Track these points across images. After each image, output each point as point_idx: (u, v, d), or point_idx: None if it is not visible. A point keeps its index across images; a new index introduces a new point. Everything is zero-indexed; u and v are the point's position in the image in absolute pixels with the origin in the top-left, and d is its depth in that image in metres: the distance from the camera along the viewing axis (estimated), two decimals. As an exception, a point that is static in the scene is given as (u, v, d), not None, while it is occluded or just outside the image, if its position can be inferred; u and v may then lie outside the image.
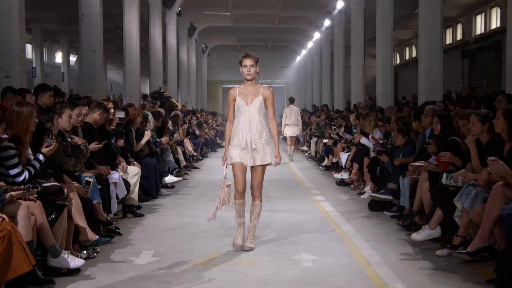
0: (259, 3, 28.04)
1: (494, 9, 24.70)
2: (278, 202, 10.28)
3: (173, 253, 6.67)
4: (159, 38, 22.56)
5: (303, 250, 6.75)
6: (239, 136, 6.80)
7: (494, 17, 24.82)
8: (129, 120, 10.07)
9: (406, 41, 36.01)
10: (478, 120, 6.55)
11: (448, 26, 28.86)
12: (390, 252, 6.68)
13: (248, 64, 6.92)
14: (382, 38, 17.77)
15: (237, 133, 6.82)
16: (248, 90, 6.92)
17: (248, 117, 6.79)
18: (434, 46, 13.79)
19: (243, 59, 6.98)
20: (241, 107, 6.82)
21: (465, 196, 6.21)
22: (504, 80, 22.52)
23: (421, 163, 7.79)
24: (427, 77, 13.80)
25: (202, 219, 8.67)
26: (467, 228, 6.23)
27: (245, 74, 6.91)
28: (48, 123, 6.34)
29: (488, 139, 6.54)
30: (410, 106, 14.47)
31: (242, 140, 6.77)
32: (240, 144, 6.80)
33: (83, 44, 14.15)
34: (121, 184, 8.09)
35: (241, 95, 6.88)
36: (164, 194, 10.97)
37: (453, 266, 6.07)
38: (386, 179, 9.43)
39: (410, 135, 9.31)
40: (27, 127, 5.76)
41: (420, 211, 7.67)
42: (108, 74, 39.50)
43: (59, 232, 5.75)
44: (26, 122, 5.75)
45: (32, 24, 29.89)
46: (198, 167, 16.41)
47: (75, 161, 6.91)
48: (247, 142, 6.76)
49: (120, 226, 7.76)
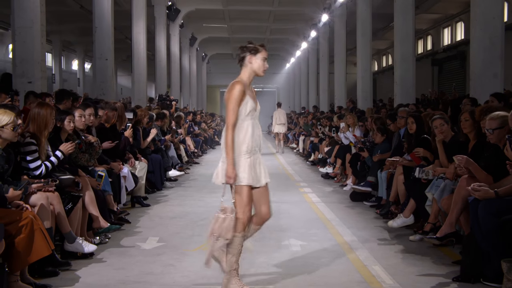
0: (253, 16, 28.04)
1: (459, 23, 24.86)
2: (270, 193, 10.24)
3: (176, 239, 6.67)
4: (163, 47, 22.52)
5: (292, 237, 6.76)
6: (255, 147, 4.65)
7: (459, 30, 24.97)
8: (137, 120, 10.04)
9: (383, 50, 36.08)
10: (445, 122, 6.63)
11: (420, 37, 28.94)
12: (369, 238, 6.70)
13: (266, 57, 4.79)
14: (362, 47, 17.80)
15: (254, 143, 4.62)
16: (251, 90, 4.74)
17: (258, 124, 4.71)
18: (408, 55, 13.83)
19: (262, 51, 4.76)
20: (253, 110, 4.61)
21: (435, 187, 6.23)
22: (468, 85, 22.69)
23: (397, 158, 7.81)
24: (402, 83, 13.83)
25: (202, 209, 8.68)
26: (436, 216, 6.25)
27: (263, 69, 4.77)
28: (58, 123, 6.32)
29: (450, 138, 6.63)
30: (386, 108, 14.50)
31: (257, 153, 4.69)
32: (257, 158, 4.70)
33: (97, 53, 14.14)
34: (130, 178, 8.07)
35: (249, 94, 4.64)
36: (168, 186, 10.96)
37: (424, 250, 6.09)
38: (366, 172, 9.45)
39: (388, 134, 9.32)
40: (46, 126, 5.75)
41: (396, 201, 7.70)
42: (118, 79, 39.39)
43: (75, 220, 5.74)
44: (45, 121, 5.73)
45: (52, 36, 29.84)
46: (198, 163, 16.39)
47: (89, 157, 6.89)
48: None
49: (129, 215, 7.75)
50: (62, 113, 6.50)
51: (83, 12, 22.87)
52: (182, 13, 25.17)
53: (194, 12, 26.10)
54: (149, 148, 10.42)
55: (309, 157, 16.41)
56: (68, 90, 9.71)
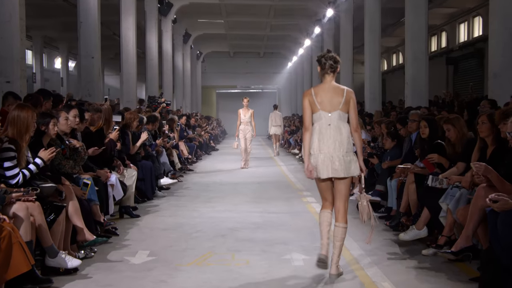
0: (251, 11, 28.06)
1: (477, 18, 24.81)
2: (270, 203, 10.26)
3: (168, 253, 6.65)
4: (155, 44, 22.51)
5: (294, 250, 6.74)
6: None
7: (477, 25, 24.93)
8: (125, 124, 10.03)
9: (393, 48, 36.10)
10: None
11: (433, 34, 28.95)
12: (378, 252, 6.68)
13: None
14: (370, 45, 17.83)
15: None
16: None
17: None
18: (420, 53, 13.84)
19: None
20: None
21: (450, 197, 6.21)
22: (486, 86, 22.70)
23: (408, 165, 7.80)
24: (413, 83, 13.84)
25: (196, 220, 8.66)
26: (451, 228, 6.24)
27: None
28: (43, 126, 6.30)
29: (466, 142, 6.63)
30: (396, 111, 14.51)
31: None
32: None
33: (82, 50, 14.12)
34: (118, 186, 8.06)
35: None
36: (159, 195, 10.94)
37: (438, 265, 6.07)
38: (375, 181, 9.43)
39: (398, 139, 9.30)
40: (27, 130, 5.73)
41: (407, 212, 7.67)
42: (106, 79, 39.40)
43: (58, 232, 5.72)
44: (26, 125, 5.71)
45: (32, 31, 29.80)
46: (192, 170, 16.37)
47: (73, 163, 6.87)
48: None
49: (116, 226, 7.73)
50: (45, 115, 6.47)
51: (66, 6, 22.85)
52: (175, 7, 25.19)
53: (188, 6, 26.12)
54: (139, 154, 10.40)
55: (312, 164, 16.38)
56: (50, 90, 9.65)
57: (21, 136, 5.69)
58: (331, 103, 5.57)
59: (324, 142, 5.52)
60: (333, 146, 5.49)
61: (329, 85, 5.64)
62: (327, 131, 5.53)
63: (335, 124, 5.53)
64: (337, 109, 5.55)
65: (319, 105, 5.57)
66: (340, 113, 5.56)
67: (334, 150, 5.49)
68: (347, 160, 5.49)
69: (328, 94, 5.59)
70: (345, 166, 5.48)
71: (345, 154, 5.49)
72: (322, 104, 5.57)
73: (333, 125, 5.53)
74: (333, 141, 5.50)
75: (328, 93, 5.59)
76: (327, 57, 5.63)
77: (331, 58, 5.63)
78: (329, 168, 5.48)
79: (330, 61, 5.61)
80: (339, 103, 5.55)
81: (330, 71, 5.62)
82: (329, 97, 5.58)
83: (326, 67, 5.61)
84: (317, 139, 5.55)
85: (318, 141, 5.54)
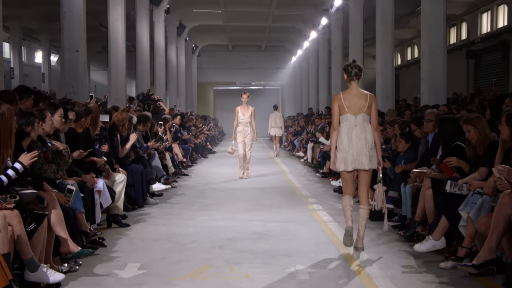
0: (252, 0, 28.08)
1: (501, 7, 24.75)
2: (272, 211, 10.26)
3: (160, 266, 6.64)
4: (146, 37, 22.55)
5: (299, 262, 6.73)
6: None
7: (501, 15, 24.88)
8: (113, 124, 10.02)
9: (407, 40, 36.14)
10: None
11: (452, 24, 28.96)
12: (391, 264, 6.67)
13: None
14: (382, 37, 17.81)
15: None
16: None
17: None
18: (437, 46, 13.82)
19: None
20: None
21: (470, 205, 6.20)
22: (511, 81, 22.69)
23: (424, 169, 7.78)
24: (430, 79, 13.82)
25: (191, 229, 8.65)
26: (473, 239, 6.23)
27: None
28: (28, 127, 6.27)
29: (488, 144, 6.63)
30: (411, 109, 14.50)
31: None
32: None
33: (65, 43, 14.13)
34: (106, 192, 8.05)
35: None
36: (151, 202, 10.93)
37: (458, 280, 6.06)
38: (387, 186, 9.42)
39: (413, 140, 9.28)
40: (10, 129, 5.68)
41: (423, 221, 7.67)
42: (92, 75, 39.46)
43: (38, 243, 5.70)
44: (10, 124, 5.67)
45: (10, 22, 29.79)
46: (187, 174, 16.37)
47: (56, 167, 6.86)
48: None
49: (104, 237, 7.72)
50: (28, 115, 6.45)
51: (48, -7, 22.90)
52: (168, -5, 25.27)
53: (183, -6, 26.21)
54: (129, 157, 10.40)
55: (319, 168, 16.39)
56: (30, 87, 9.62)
57: (5, 137, 5.60)
58: (357, 107, 7.12)
59: (352, 140, 7.08)
60: (361, 144, 7.07)
61: (355, 91, 7.20)
62: (354, 131, 7.09)
63: (361, 125, 7.11)
64: (362, 112, 7.12)
65: (347, 109, 7.11)
66: (364, 116, 7.13)
67: (362, 147, 7.07)
68: (371, 155, 7.11)
69: (354, 99, 7.14)
70: (369, 160, 7.10)
71: (369, 150, 7.11)
72: (350, 107, 7.11)
73: (359, 125, 7.10)
74: (360, 140, 7.07)
75: (354, 98, 7.14)
76: (353, 66, 7.24)
77: (356, 67, 7.23)
78: (357, 162, 7.08)
79: (356, 70, 7.19)
80: (364, 107, 7.13)
81: (356, 78, 7.19)
82: (355, 101, 7.13)
83: (352, 75, 7.18)
84: (346, 138, 7.10)
85: (347, 139, 7.10)
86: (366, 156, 7.08)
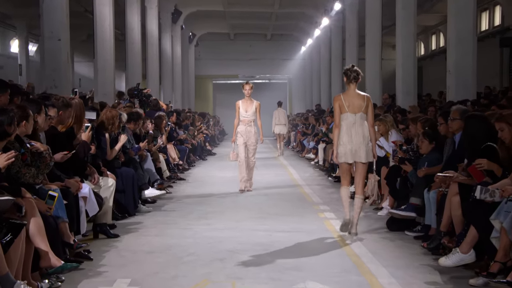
0: (256, -17, 28.13)
1: (542, -12, 24.61)
2: (279, 220, 10.26)
3: (153, 282, 6.64)
4: (137, 24, 22.60)
5: (309, 278, 6.73)
6: None
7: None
8: (101, 122, 10.02)
9: (432, 28, 36.14)
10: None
11: (484, 9, 28.88)
12: (413, 280, 6.66)
13: None
14: (403, 24, 17.79)
15: None
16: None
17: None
18: (466, 33, 13.81)
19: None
20: None
21: (504, 213, 6.18)
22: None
23: (450, 173, 7.76)
24: (457, 71, 13.81)
25: (188, 240, 8.64)
26: (507, 253, 6.21)
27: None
28: (10, 127, 6.22)
29: None
30: (436, 106, 14.46)
31: None
32: None
33: (45, 30, 14.14)
34: (92, 199, 8.05)
35: None
36: (143, 210, 10.93)
37: (489, 298, 6.05)
38: (408, 192, 9.40)
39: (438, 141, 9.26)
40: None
41: (449, 231, 7.65)
42: (76, 67, 39.52)
43: (15, 257, 5.68)
44: None
45: (-20, 6, 29.81)
46: (184, 179, 16.38)
47: (36, 171, 6.84)
48: None
49: (90, 249, 7.70)
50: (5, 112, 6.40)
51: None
52: (161, -22, 25.33)
53: (178, -23, 26.25)
54: (118, 160, 10.40)
55: (331, 172, 16.38)
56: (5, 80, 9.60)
57: None
58: (356, 106, 8.84)
59: (352, 136, 8.80)
60: (360, 139, 8.81)
61: (354, 92, 8.94)
62: (354, 127, 8.81)
63: (359, 122, 8.83)
64: (360, 111, 8.84)
65: (347, 108, 8.82)
66: (362, 114, 8.86)
67: (360, 142, 8.80)
68: (367, 149, 8.86)
69: (353, 99, 8.88)
70: (366, 153, 8.84)
71: (366, 144, 8.85)
72: (349, 107, 8.82)
73: (357, 123, 8.83)
74: (358, 135, 8.80)
75: (353, 98, 8.89)
76: (352, 70, 8.99)
77: (355, 71, 9.00)
78: (355, 155, 8.82)
79: (354, 74, 8.96)
80: (362, 107, 8.87)
81: (354, 81, 8.95)
82: (354, 101, 8.86)
83: (351, 78, 8.95)
84: (346, 134, 8.82)
85: (347, 136, 8.81)
86: (363, 150, 8.80)
